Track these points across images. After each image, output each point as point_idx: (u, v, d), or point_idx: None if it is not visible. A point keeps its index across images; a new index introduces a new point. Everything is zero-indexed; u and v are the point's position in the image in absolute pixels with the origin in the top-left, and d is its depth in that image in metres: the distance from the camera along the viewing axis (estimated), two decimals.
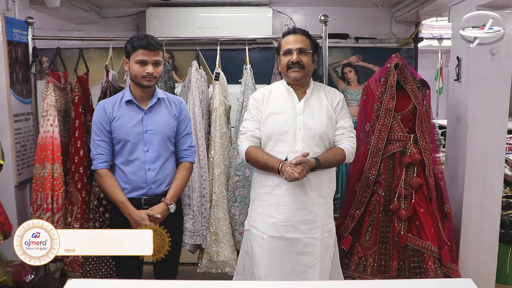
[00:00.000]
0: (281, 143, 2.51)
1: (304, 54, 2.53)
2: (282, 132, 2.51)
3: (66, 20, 4.95)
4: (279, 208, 2.52)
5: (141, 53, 2.46)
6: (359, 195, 3.10)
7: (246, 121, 2.65)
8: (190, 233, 3.19)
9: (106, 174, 2.55)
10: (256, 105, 2.62)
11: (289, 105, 2.56)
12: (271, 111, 2.56)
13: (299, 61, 2.51)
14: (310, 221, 2.52)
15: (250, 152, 2.55)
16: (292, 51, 2.52)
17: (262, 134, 2.58)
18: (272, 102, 2.59)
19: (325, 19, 3.25)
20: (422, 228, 2.94)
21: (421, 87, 3.08)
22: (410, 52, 5.39)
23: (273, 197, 2.53)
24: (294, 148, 2.49)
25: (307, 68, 2.54)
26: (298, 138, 2.50)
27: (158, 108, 2.59)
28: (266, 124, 2.56)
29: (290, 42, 2.55)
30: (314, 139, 2.51)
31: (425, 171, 3.00)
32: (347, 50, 5.37)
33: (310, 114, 2.54)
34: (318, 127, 2.52)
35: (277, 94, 2.61)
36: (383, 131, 3.04)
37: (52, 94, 3.23)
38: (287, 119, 2.52)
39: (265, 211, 2.56)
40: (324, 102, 2.59)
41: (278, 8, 5.22)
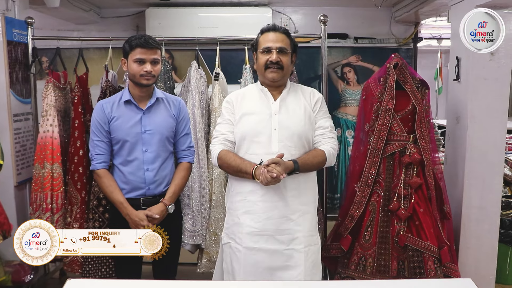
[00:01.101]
0: (256, 145, 2.33)
1: (284, 54, 2.37)
2: (256, 133, 2.33)
3: (65, 20, 4.94)
4: (255, 216, 2.31)
5: (139, 52, 2.46)
6: (359, 195, 3.09)
7: (219, 124, 2.48)
8: (189, 233, 3.19)
9: (105, 174, 2.54)
10: (229, 108, 2.45)
11: (264, 105, 2.39)
12: (245, 112, 2.39)
13: (279, 61, 2.34)
14: (290, 231, 2.30)
15: (222, 157, 2.36)
16: (271, 49, 2.35)
17: (235, 136, 2.40)
18: (246, 103, 2.42)
19: (325, 19, 3.24)
20: (421, 228, 2.93)
21: (421, 87, 3.07)
22: (409, 52, 5.39)
23: (248, 204, 2.33)
24: (270, 149, 2.30)
25: (286, 69, 2.37)
26: (273, 139, 2.32)
27: (156, 108, 2.58)
28: (239, 125, 2.38)
29: (269, 40, 2.37)
30: (292, 140, 2.33)
31: (424, 171, 2.99)
32: (347, 50, 5.36)
33: (286, 114, 2.36)
34: (296, 127, 2.34)
35: (251, 95, 2.45)
36: (382, 131, 3.03)
37: (51, 94, 3.23)
38: (261, 119, 2.35)
39: (240, 220, 2.35)
40: (302, 100, 2.43)
41: (277, 8, 5.21)
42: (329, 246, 3.19)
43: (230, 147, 2.40)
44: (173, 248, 2.66)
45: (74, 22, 5.09)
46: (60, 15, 4.61)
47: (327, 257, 3.20)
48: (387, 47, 5.25)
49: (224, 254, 2.46)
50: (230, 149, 2.39)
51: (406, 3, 4.68)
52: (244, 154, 2.35)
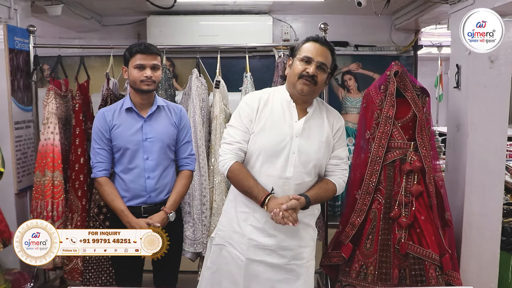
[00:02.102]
0: (270, 165, 2.19)
1: (323, 71, 2.19)
2: (273, 153, 2.18)
3: (67, 28, 4.97)
4: (258, 231, 2.23)
5: (139, 58, 2.47)
6: (360, 202, 3.08)
7: (233, 128, 2.27)
8: (190, 241, 3.18)
9: (106, 182, 2.54)
10: (249, 113, 2.24)
11: (287, 123, 2.21)
12: (265, 126, 2.21)
13: (315, 76, 2.16)
14: (293, 246, 2.25)
15: (234, 171, 2.21)
16: (312, 61, 2.17)
17: (249, 148, 2.24)
18: (268, 113, 2.23)
19: (325, 27, 3.25)
20: (423, 235, 2.92)
21: (421, 94, 3.07)
22: (409, 60, 5.40)
23: (253, 219, 2.24)
24: (284, 174, 2.18)
25: (318, 86, 2.20)
26: (290, 163, 2.18)
27: (158, 116, 2.58)
28: (257, 139, 2.21)
29: (313, 51, 2.18)
30: (307, 167, 2.21)
31: (425, 178, 2.99)
32: (347, 58, 5.37)
33: (307, 138, 2.22)
34: (314, 154, 2.22)
35: (275, 104, 2.25)
36: (383, 138, 3.03)
37: (53, 102, 3.24)
38: (282, 139, 2.19)
39: (243, 231, 2.26)
40: (325, 125, 2.28)
41: (278, 16, 5.23)
42: (330, 254, 3.18)
43: (243, 158, 2.26)
44: (174, 256, 2.67)
45: (76, 30, 5.12)
46: (61, 23, 4.63)
47: (328, 265, 3.19)
48: (387, 55, 5.27)
49: (212, 253, 2.38)
50: (242, 160, 2.26)
51: (406, 11, 4.70)
52: (254, 171, 2.23)
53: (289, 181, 2.19)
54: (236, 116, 2.30)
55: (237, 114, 2.29)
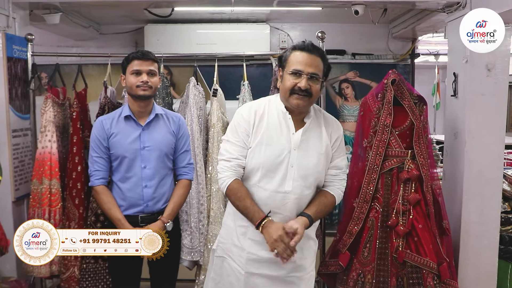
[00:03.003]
0: (268, 180, 2.15)
1: (315, 81, 2.12)
2: (272, 168, 2.14)
3: (65, 36, 4.97)
4: (259, 245, 2.19)
5: (136, 64, 2.50)
6: (357, 211, 3.08)
7: (230, 143, 2.22)
8: (187, 250, 3.17)
9: (103, 190, 2.54)
10: (245, 127, 2.19)
11: (284, 136, 2.17)
12: (262, 140, 2.16)
13: (308, 89, 2.10)
14: (294, 258, 2.16)
15: (232, 189, 2.17)
16: (302, 73, 2.10)
17: (247, 163, 2.19)
18: (264, 127, 2.18)
19: (322, 36, 3.26)
20: (420, 244, 2.92)
21: (418, 102, 3.08)
22: (406, 68, 5.41)
23: (252, 234, 2.20)
24: (282, 188, 2.14)
25: (314, 97, 2.15)
26: (288, 177, 2.14)
27: (156, 124, 2.59)
28: (254, 154, 2.17)
29: (302, 62, 2.10)
30: (306, 181, 2.17)
31: (423, 186, 2.99)
32: (344, 66, 5.38)
33: (306, 151, 2.18)
34: (313, 168, 2.18)
35: (271, 117, 2.20)
36: (380, 146, 3.04)
37: (50, 110, 3.23)
38: (279, 153, 2.14)
39: (242, 245, 2.24)
40: (324, 136, 2.23)
41: (275, 24, 5.24)
42: (327, 263, 3.17)
43: (241, 174, 2.21)
44: (171, 265, 2.67)
45: (74, 39, 5.12)
46: (59, 31, 4.64)
47: (325, 274, 3.18)
48: (384, 63, 5.28)
49: (214, 265, 2.38)
50: (241, 176, 2.21)
51: (403, 20, 4.72)
52: (252, 186, 2.19)
53: (288, 195, 2.16)
54: (232, 130, 2.24)
55: (233, 129, 2.24)
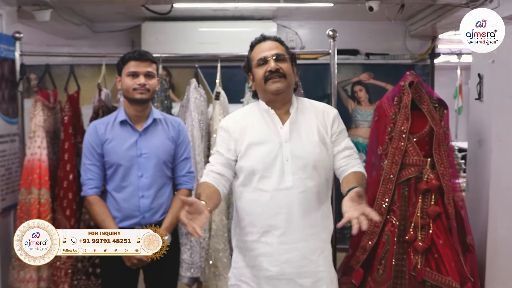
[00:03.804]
0: (266, 180, 2.18)
1: (283, 61, 2.23)
2: (266, 167, 2.18)
3: (56, 35, 5.00)
4: (272, 260, 2.19)
5: (132, 65, 2.51)
6: (371, 224, 3.06)
7: (212, 155, 2.34)
8: (187, 265, 3.18)
9: (96, 201, 2.56)
10: (224, 137, 2.28)
11: (272, 131, 2.23)
12: (250, 142, 2.22)
13: (279, 69, 2.20)
14: (312, 273, 2.21)
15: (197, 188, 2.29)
16: (267, 58, 2.22)
17: (241, 170, 2.24)
18: (249, 129, 2.25)
19: (334, 34, 3.28)
20: (441, 261, 2.91)
21: (438, 107, 3.09)
22: (426, 69, 5.42)
23: (264, 246, 2.20)
24: (283, 184, 2.17)
25: (289, 77, 2.23)
26: (286, 171, 2.17)
27: (154, 129, 2.61)
28: (246, 159, 2.22)
29: (263, 50, 2.26)
30: (306, 171, 2.19)
31: (443, 198, 2.99)
32: (357, 67, 5.39)
33: (298, 140, 2.22)
34: (310, 155, 2.20)
35: (254, 118, 2.29)
36: (396, 154, 3.04)
37: (40, 114, 3.26)
38: (270, 149, 2.19)
39: (256, 263, 2.23)
40: (314, 122, 2.27)
41: (282, 22, 5.26)
42: (339, 281, 3.15)
43: (215, 178, 2.22)
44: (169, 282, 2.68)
45: (65, 37, 5.16)
46: (50, 29, 4.67)
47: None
48: (401, 64, 5.29)
49: None
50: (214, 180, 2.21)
51: (422, 16, 4.72)
52: (253, 190, 2.22)
53: (290, 191, 2.17)
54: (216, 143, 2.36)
55: (216, 141, 2.36)
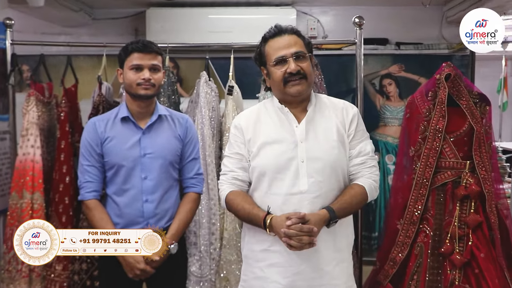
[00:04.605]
0: (279, 183, 2.21)
1: (303, 60, 2.24)
2: (279, 168, 2.21)
3: (51, 22, 5.03)
4: (282, 270, 2.21)
5: (136, 57, 2.51)
6: (402, 234, 3.06)
7: (226, 157, 2.39)
8: (196, 279, 3.18)
9: (96, 206, 2.57)
10: (238, 136, 2.34)
11: (286, 130, 2.26)
12: (263, 141, 2.26)
13: (300, 70, 2.21)
14: (325, 286, 2.21)
15: (229, 201, 2.29)
16: (287, 58, 2.22)
17: (253, 172, 2.28)
18: (262, 128, 2.30)
19: (360, 22, 3.27)
20: (482, 277, 2.89)
21: (479, 102, 3.06)
22: (465, 60, 5.35)
23: (273, 256, 2.22)
24: (297, 188, 2.18)
25: (309, 77, 2.26)
26: (301, 174, 2.19)
27: (159, 127, 2.61)
28: (257, 159, 2.26)
29: (281, 47, 2.24)
30: (323, 174, 2.20)
31: (485, 206, 2.97)
32: (387, 58, 5.35)
33: (315, 140, 2.24)
34: (328, 157, 2.22)
35: (268, 116, 2.33)
36: (431, 156, 3.02)
37: (33, 110, 3.28)
38: (284, 149, 2.22)
39: (265, 274, 2.25)
40: (333, 120, 2.30)
41: (303, 8, 5.24)
42: None
43: (240, 186, 2.32)
44: None
45: (61, 25, 5.18)
46: (44, 15, 4.69)
47: None
48: (436, 54, 5.24)
49: None
50: (241, 189, 2.31)
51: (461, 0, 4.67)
52: (264, 194, 2.24)
53: (305, 195, 2.18)
54: (228, 143, 2.42)
55: (229, 141, 2.42)
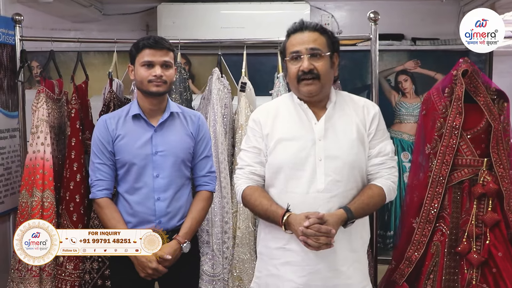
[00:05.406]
0: (295, 182, 2.22)
1: (319, 58, 2.22)
2: (295, 166, 2.21)
3: (61, 17, 5.05)
4: (298, 269, 2.22)
5: (147, 54, 2.52)
6: (418, 233, 3.06)
7: (243, 151, 2.40)
8: (208, 278, 3.20)
9: (107, 204, 2.58)
10: (256, 130, 2.35)
11: (305, 127, 2.26)
12: (280, 137, 2.26)
13: (312, 69, 2.20)
14: (341, 286, 2.22)
15: (246, 196, 2.30)
16: (301, 55, 2.22)
17: (268, 168, 2.29)
18: (281, 123, 2.30)
19: (375, 17, 3.26)
20: (500, 277, 2.88)
21: (497, 99, 3.05)
22: (482, 56, 5.32)
23: (289, 254, 2.24)
24: (314, 187, 2.19)
25: (324, 78, 2.23)
26: (318, 172, 2.19)
27: (171, 124, 2.62)
28: (274, 155, 2.27)
29: (297, 43, 2.24)
30: (342, 173, 2.20)
31: (503, 204, 2.96)
32: (402, 54, 5.34)
33: (334, 138, 2.23)
34: (347, 156, 2.22)
35: (287, 112, 2.33)
36: (447, 154, 3.02)
37: (43, 107, 3.29)
38: (302, 146, 2.22)
39: (280, 272, 2.26)
40: (353, 119, 2.29)
41: (317, 3, 5.24)
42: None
43: (258, 181, 2.33)
44: None
45: (71, 20, 5.20)
46: (54, 11, 4.71)
47: None
48: (453, 50, 5.21)
49: None
50: (257, 184, 2.33)
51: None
52: (279, 192, 2.26)
53: (321, 194, 2.19)
54: (246, 137, 2.43)
55: (246, 135, 2.43)
